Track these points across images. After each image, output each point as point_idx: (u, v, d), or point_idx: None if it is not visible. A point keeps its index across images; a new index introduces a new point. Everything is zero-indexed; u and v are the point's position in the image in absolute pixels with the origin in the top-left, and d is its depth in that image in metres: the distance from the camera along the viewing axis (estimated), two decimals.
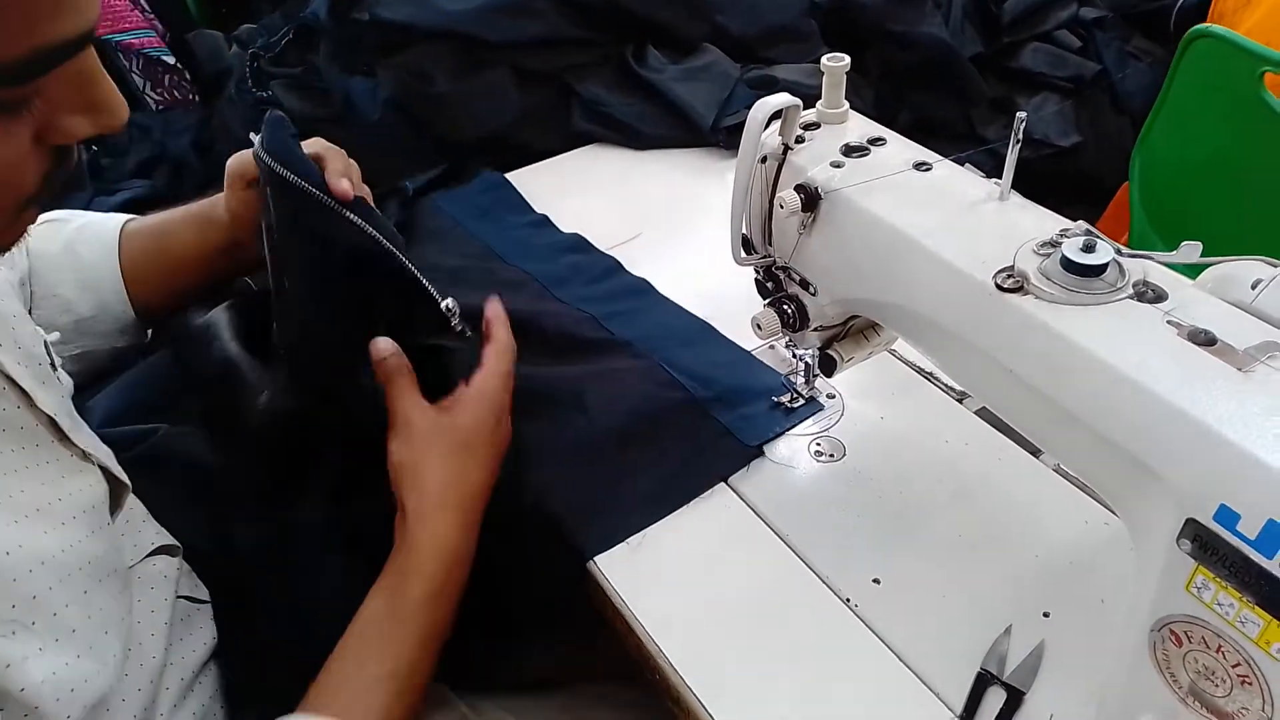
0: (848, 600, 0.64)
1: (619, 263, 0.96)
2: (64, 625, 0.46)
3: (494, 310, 0.72)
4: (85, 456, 0.53)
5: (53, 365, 0.56)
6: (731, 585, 0.65)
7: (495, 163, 1.14)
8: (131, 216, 0.78)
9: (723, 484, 0.72)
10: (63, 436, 0.52)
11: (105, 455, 0.55)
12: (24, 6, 0.36)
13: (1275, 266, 0.48)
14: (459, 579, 0.62)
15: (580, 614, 0.69)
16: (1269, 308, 0.47)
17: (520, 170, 1.15)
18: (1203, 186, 1.25)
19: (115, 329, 0.76)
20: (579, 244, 1.00)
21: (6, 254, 0.47)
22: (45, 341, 0.58)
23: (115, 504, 0.55)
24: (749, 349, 0.84)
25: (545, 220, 1.04)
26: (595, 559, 0.67)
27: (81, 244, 0.74)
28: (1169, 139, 1.26)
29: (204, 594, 0.64)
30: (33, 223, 0.46)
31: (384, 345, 0.67)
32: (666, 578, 0.66)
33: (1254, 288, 0.48)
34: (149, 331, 0.80)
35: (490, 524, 0.66)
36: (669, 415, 0.76)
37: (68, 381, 0.58)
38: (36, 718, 0.44)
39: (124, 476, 0.56)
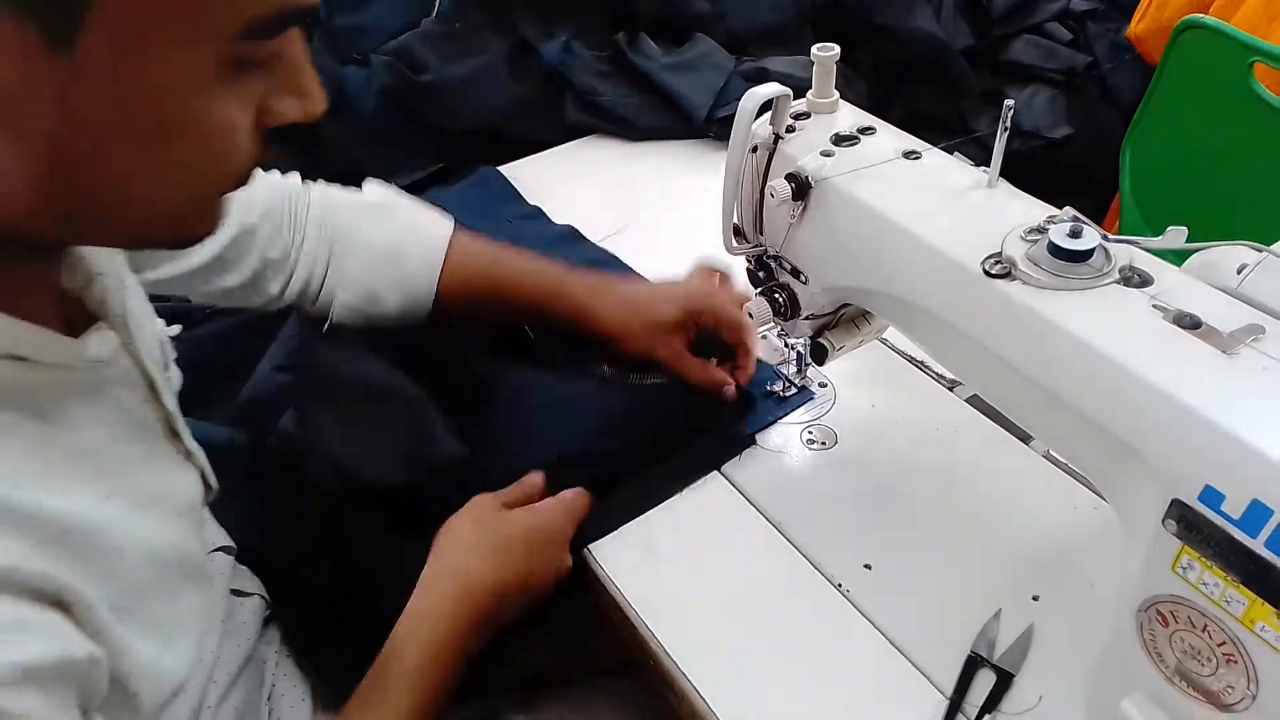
0: (840, 585, 0.64)
1: (612, 255, 0.96)
2: (154, 619, 0.46)
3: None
4: (188, 457, 0.54)
5: (166, 364, 0.57)
6: (725, 572, 0.66)
7: (490, 155, 1.15)
8: (453, 225, 0.80)
9: (716, 472, 0.73)
10: (173, 434, 0.53)
11: (202, 458, 0.56)
12: None
13: (1260, 251, 0.49)
14: (435, 661, 0.60)
15: (575, 607, 0.69)
16: (1254, 292, 0.48)
17: (515, 163, 1.15)
18: (1192, 176, 1.25)
19: (406, 323, 0.78)
20: (572, 235, 1.00)
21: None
22: (163, 340, 0.58)
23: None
24: None
25: (539, 212, 1.05)
26: (589, 547, 0.68)
27: (410, 249, 0.76)
28: (1159, 129, 1.27)
29: (248, 587, 0.65)
30: (223, 217, 0.47)
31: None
32: (660, 565, 0.66)
33: (1239, 272, 0.49)
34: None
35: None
36: (662, 404, 0.76)
37: (177, 378, 0.59)
38: (132, 706, 0.44)
39: (214, 481, 0.57)
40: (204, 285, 0.71)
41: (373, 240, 0.76)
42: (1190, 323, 0.46)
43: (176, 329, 0.61)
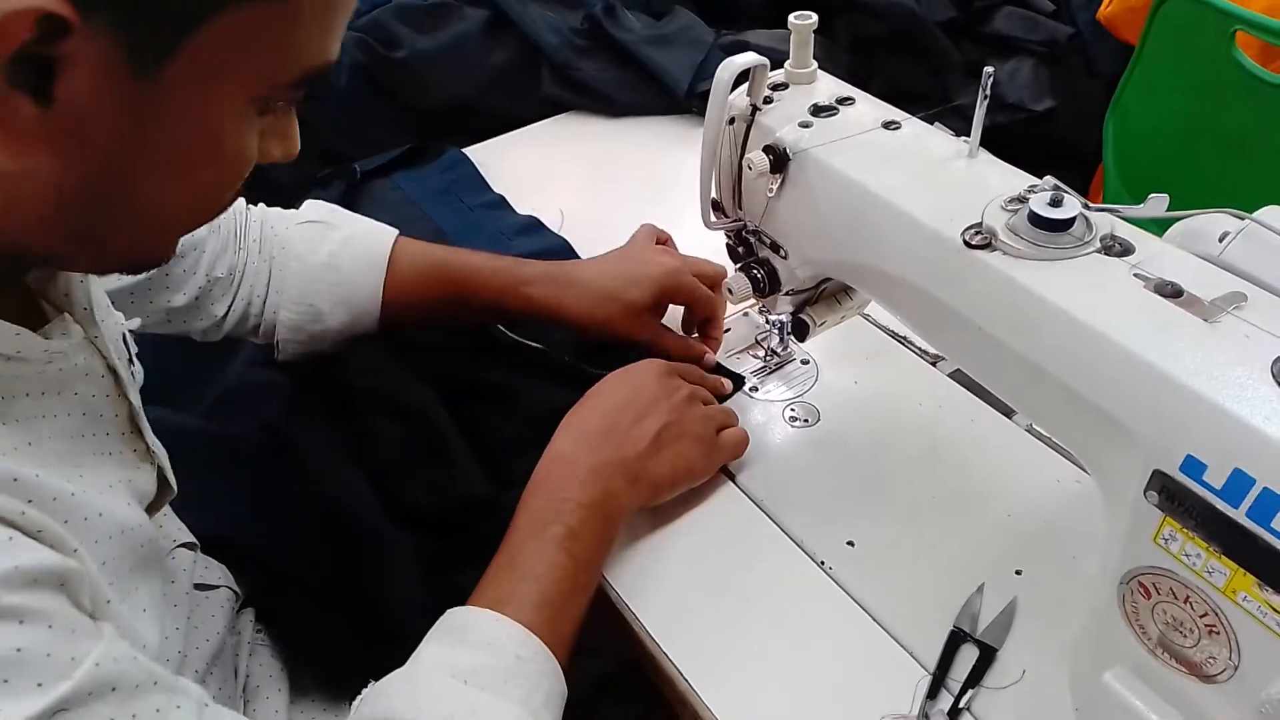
0: (822, 563, 0.64)
1: (568, 245, 0.94)
2: (117, 593, 0.45)
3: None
4: (147, 453, 0.53)
5: (130, 359, 0.56)
6: (706, 550, 0.65)
7: (464, 131, 1.13)
8: (398, 233, 0.78)
9: None
10: (135, 430, 0.52)
11: (162, 456, 0.55)
12: (334, 26, 0.41)
13: (1242, 219, 0.48)
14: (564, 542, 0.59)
15: None
16: (1236, 260, 0.47)
17: (490, 141, 1.13)
18: (1176, 147, 1.25)
19: (353, 337, 0.76)
20: (531, 226, 0.98)
21: None
22: (124, 333, 0.57)
23: (157, 504, 0.55)
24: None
25: (501, 201, 1.03)
26: None
27: (347, 259, 0.74)
28: (1142, 100, 1.26)
29: (213, 579, 0.64)
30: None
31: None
32: (640, 544, 0.66)
33: (1221, 240, 0.48)
34: None
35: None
36: None
37: (140, 374, 0.57)
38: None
39: (173, 481, 0.56)
40: (147, 303, 0.69)
41: (311, 254, 0.74)
42: (1172, 291, 0.45)
43: (136, 322, 0.60)
